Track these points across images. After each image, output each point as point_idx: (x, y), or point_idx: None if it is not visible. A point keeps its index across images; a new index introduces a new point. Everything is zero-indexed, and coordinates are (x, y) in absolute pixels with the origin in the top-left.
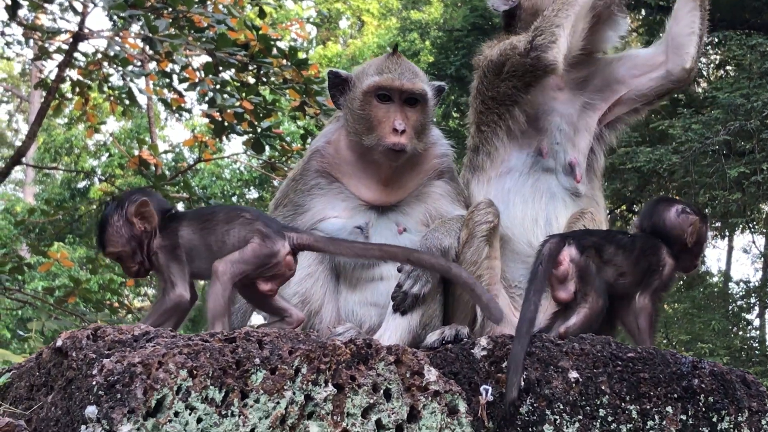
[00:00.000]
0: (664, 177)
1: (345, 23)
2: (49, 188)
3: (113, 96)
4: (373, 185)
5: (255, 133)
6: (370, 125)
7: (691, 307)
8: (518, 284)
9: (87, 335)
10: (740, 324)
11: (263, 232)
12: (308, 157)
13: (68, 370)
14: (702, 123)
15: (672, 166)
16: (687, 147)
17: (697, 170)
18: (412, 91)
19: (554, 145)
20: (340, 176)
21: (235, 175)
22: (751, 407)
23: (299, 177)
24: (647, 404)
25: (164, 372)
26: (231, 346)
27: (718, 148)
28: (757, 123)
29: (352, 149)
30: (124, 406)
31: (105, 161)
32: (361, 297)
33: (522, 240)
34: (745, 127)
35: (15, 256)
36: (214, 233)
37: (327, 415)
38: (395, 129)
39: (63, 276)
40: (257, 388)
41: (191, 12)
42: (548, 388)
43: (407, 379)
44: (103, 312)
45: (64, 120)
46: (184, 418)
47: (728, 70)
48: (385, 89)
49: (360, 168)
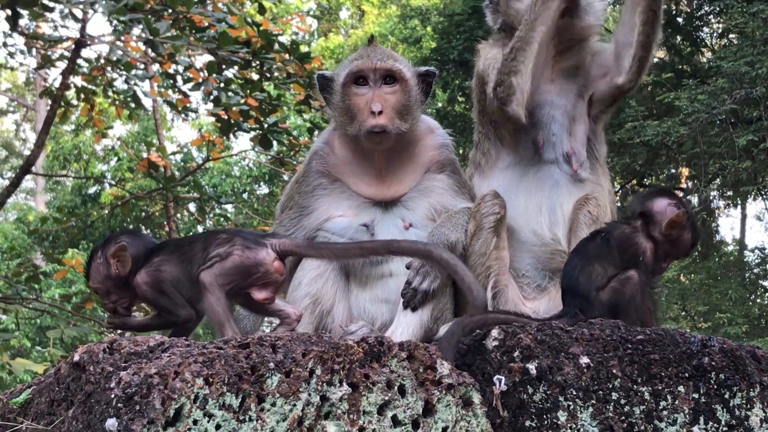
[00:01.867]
0: (673, 149)
1: (345, 14)
2: (60, 195)
3: (118, 100)
4: (370, 180)
5: (262, 129)
6: (351, 114)
7: (707, 277)
8: (525, 273)
9: (103, 349)
10: (758, 291)
11: (243, 245)
12: (309, 159)
13: (87, 384)
14: (708, 93)
15: (680, 138)
16: (694, 118)
17: (706, 140)
18: (385, 69)
19: (551, 137)
20: (340, 175)
21: (245, 171)
22: (762, 382)
23: (302, 179)
24: (659, 385)
25: (181, 381)
26: (245, 351)
27: (726, 117)
28: (763, 90)
29: (347, 147)
30: (143, 417)
31: (114, 165)
32: (372, 294)
33: (527, 229)
34: (751, 95)
35: (30, 265)
36: (195, 261)
37: (343, 415)
38: (372, 111)
39: (79, 282)
40: (273, 391)
41: (191, 12)
42: (560, 374)
43: (420, 374)
44: None
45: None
46: (203, 425)
47: (731, 38)
48: (360, 72)
49: (356, 164)
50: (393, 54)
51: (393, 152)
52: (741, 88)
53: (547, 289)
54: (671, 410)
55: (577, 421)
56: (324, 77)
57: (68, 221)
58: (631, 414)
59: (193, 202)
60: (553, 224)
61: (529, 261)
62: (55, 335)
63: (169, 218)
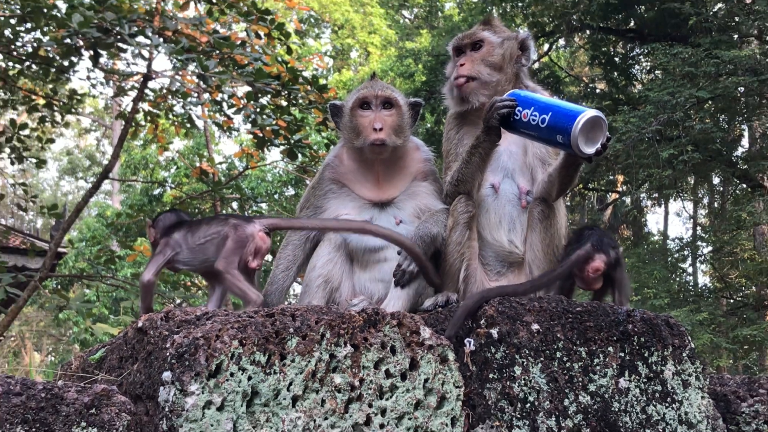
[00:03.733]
0: (611, 160)
1: (354, 54)
2: (131, 196)
3: (177, 122)
4: (370, 186)
5: (289, 144)
6: (358, 131)
7: (638, 261)
8: (488, 262)
9: (161, 317)
10: (677, 272)
11: (234, 223)
12: (322, 169)
13: (148, 344)
14: (638, 117)
15: (617, 152)
16: (628, 136)
17: (636, 154)
18: (384, 97)
19: (505, 178)
20: (346, 182)
21: (276, 177)
22: (673, 344)
23: (316, 185)
24: (593, 346)
25: (221, 343)
26: (271, 319)
27: (652, 135)
28: (681, 114)
29: (352, 159)
30: (191, 371)
31: (173, 172)
32: (371, 275)
33: (489, 235)
34: (672, 119)
35: (108, 250)
36: (198, 232)
37: (347, 369)
38: (374, 128)
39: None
40: (292, 351)
41: (234, 53)
42: (516, 338)
43: (408, 337)
44: (178, 290)
45: (139, 142)
46: (237, 377)
47: (657, 73)
48: (365, 98)
49: (359, 173)
50: (390, 86)
51: (388, 164)
52: (664, 113)
53: (505, 274)
54: (603, 366)
55: (529, 374)
56: (335, 105)
57: (137, 216)
58: (571, 369)
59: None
60: (510, 232)
61: (492, 254)
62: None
63: (216, 214)
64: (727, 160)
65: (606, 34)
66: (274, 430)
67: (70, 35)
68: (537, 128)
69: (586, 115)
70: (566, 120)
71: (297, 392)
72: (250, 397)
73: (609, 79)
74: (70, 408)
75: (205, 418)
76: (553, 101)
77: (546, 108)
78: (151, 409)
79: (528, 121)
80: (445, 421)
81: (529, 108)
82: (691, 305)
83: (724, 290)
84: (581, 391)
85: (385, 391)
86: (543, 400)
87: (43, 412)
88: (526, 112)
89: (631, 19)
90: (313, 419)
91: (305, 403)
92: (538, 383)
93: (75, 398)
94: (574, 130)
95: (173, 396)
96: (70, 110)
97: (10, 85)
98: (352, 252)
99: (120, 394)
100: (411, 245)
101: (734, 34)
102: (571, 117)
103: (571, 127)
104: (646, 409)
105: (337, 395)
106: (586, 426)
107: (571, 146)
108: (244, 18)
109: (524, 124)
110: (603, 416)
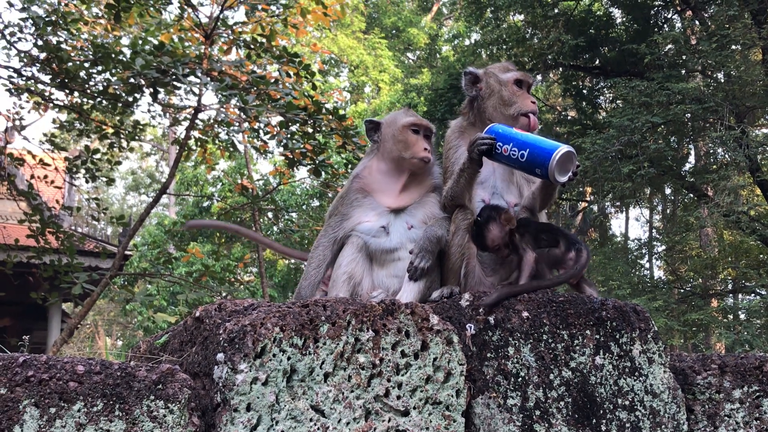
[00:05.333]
0: (580, 175)
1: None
2: (185, 208)
3: (222, 146)
4: (391, 194)
5: (314, 164)
6: (408, 146)
7: (604, 258)
8: (483, 261)
9: (215, 308)
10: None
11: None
12: (351, 180)
13: (204, 331)
14: (603, 139)
15: (585, 168)
16: (594, 155)
17: (602, 170)
18: (429, 128)
19: (494, 195)
20: (371, 190)
21: (304, 191)
22: (640, 327)
23: (345, 194)
24: (573, 330)
25: (265, 329)
26: (306, 309)
27: (615, 154)
28: (638, 137)
29: (381, 170)
30: (240, 352)
31: (219, 188)
32: (387, 272)
33: None
34: (631, 140)
35: (166, 252)
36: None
37: (369, 350)
38: (425, 148)
39: (197, 264)
40: (324, 335)
41: (269, 89)
42: (509, 323)
43: (419, 323)
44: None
45: (191, 164)
46: (279, 357)
47: (618, 103)
48: (416, 124)
49: (384, 183)
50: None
51: (412, 177)
52: (624, 136)
53: (498, 271)
54: (581, 346)
55: (520, 353)
56: (373, 122)
57: None
58: (555, 348)
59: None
60: None
61: (487, 254)
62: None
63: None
64: (677, 174)
65: (576, 71)
66: (309, 401)
67: (134, 76)
68: (517, 161)
69: (560, 152)
70: (543, 156)
71: (328, 369)
72: (289, 374)
73: (578, 107)
74: (141, 384)
75: (252, 391)
76: (529, 137)
77: (524, 144)
78: (207, 384)
79: (508, 155)
80: (451, 393)
81: (509, 144)
82: (649, 294)
83: (675, 282)
84: (564, 367)
85: (401, 368)
86: (532, 375)
87: (118, 388)
88: (506, 147)
89: (597, 58)
90: (341, 392)
91: (335, 378)
92: (528, 361)
93: (145, 376)
94: (550, 165)
95: (226, 373)
96: (134, 138)
97: (84, 117)
98: (372, 253)
99: (182, 372)
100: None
101: (682, 69)
102: (547, 153)
103: (548, 162)
104: (617, 382)
105: (361, 372)
106: (568, 396)
107: (548, 177)
108: (277, 60)
109: (505, 158)
110: (582, 388)
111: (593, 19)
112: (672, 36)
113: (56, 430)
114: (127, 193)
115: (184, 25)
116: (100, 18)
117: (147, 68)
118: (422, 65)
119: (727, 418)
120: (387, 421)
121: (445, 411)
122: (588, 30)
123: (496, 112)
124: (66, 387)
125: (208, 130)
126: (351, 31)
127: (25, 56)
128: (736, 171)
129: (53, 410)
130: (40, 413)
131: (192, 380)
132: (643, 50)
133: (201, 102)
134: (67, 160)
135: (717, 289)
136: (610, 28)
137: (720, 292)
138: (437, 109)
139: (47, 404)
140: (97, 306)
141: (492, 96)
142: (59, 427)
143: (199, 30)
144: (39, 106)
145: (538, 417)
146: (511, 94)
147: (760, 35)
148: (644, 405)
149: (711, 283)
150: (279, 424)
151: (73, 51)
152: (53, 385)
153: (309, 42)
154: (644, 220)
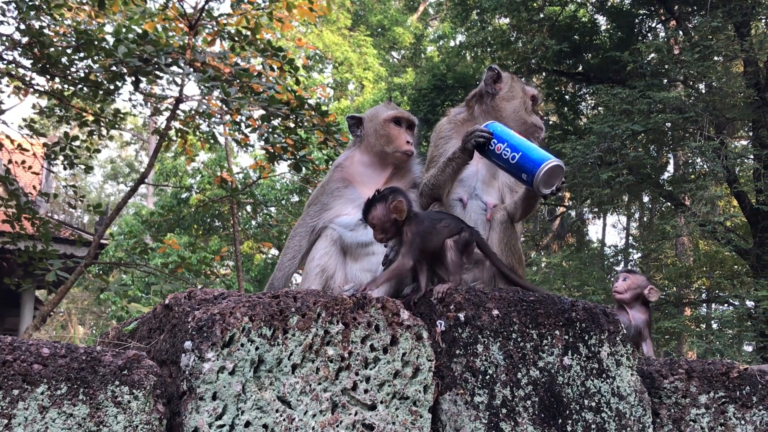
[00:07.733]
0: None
1: (351, 86)
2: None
3: (202, 138)
4: (373, 186)
5: (295, 159)
6: (390, 139)
7: (580, 263)
8: None
9: (184, 296)
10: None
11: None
12: (333, 169)
13: (173, 318)
14: (583, 145)
15: (565, 174)
16: (574, 161)
17: (581, 175)
18: (412, 121)
19: (473, 194)
20: (353, 181)
21: (283, 186)
22: (609, 329)
23: (326, 183)
24: (543, 329)
25: (234, 318)
26: (276, 300)
27: (594, 161)
28: (618, 144)
29: (364, 162)
30: (208, 341)
31: (198, 180)
32: (360, 266)
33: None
34: (611, 147)
35: (142, 243)
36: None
37: (339, 343)
38: (408, 141)
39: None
40: (293, 327)
41: (252, 82)
42: (479, 321)
43: (389, 318)
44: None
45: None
46: (247, 347)
47: (599, 109)
48: (398, 117)
49: (367, 175)
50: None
51: (395, 170)
52: (604, 143)
53: (471, 270)
54: (550, 346)
55: (489, 351)
56: (355, 117)
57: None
58: (524, 348)
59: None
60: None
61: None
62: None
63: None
64: (656, 182)
65: (558, 76)
66: (276, 392)
67: (116, 63)
68: (507, 162)
69: (550, 164)
70: (533, 164)
71: (296, 361)
72: (257, 364)
73: (560, 113)
74: (106, 369)
75: (218, 380)
76: (524, 143)
77: (518, 148)
78: (174, 372)
79: (500, 154)
80: (419, 388)
81: (503, 143)
82: None
83: None
84: (532, 367)
85: (369, 362)
86: (500, 373)
87: (83, 372)
88: (500, 145)
89: (580, 64)
90: (309, 384)
91: (303, 370)
92: (497, 359)
93: (110, 361)
94: (537, 175)
95: (192, 362)
96: (114, 126)
97: (64, 103)
98: (346, 246)
99: (148, 359)
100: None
101: (664, 79)
102: (537, 163)
103: (536, 171)
104: (585, 383)
105: (329, 364)
106: (535, 395)
107: (532, 185)
108: (261, 54)
109: (496, 156)
110: (549, 388)
111: (578, 25)
112: (655, 45)
113: (18, 412)
114: (105, 181)
115: (169, 14)
116: (84, 4)
117: (129, 56)
118: (407, 64)
119: (692, 423)
120: (353, 415)
121: (412, 406)
122: (572, 36)
123: (515, 114)
124: (30, 369)
125: (189, 121)
126: (336, 27)
127: (6, 40)
128: (713, 181)
129: (16, 392)
130: (2, 395)
131: (159, 367)
132: (626, 58)
133: (183, 92)
134: (45, 146)
135: (691, 298)
136: (594, 34)
137: (694, 301)
138: (420, 109)
139: (10, 386)
140: (71, 294)
141: (514, 99)
142: (21, 409)
143: (184, 20)
144: (19, 90)
145: (505, 415)
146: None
147: (743, 47)
148: (611, 407)
149: (685, 292)
150: (244, 414)
151: (56, 36)
152: (17, 366)
153: (294, 37)
154: (621, 227)
